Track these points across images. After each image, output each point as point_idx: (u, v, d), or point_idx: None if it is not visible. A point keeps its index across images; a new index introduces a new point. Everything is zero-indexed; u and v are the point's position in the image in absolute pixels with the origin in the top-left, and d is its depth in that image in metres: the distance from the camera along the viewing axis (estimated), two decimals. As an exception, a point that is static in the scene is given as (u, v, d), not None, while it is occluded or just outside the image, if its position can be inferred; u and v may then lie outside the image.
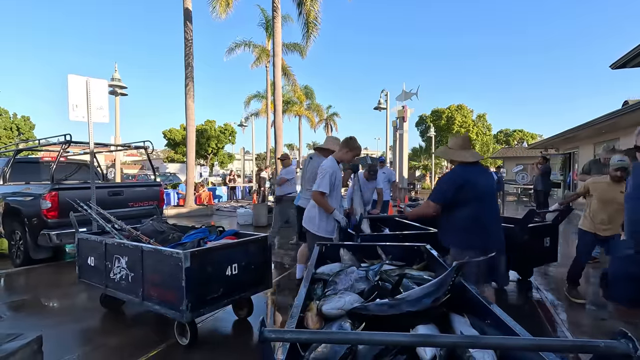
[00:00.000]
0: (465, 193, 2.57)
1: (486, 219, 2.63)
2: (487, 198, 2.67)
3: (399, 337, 1.06)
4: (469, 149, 2.74)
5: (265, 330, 0.85)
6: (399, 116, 13.17)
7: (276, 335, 0.86)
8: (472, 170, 2.65)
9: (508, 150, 30.21)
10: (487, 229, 2.62)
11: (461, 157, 2.69)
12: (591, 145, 10.92)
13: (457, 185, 2.58)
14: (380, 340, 0.97)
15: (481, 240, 2.58)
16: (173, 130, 33.39)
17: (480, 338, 1.30)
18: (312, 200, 3.31)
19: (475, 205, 2.60)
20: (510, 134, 47.63)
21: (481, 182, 2.63)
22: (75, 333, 3.09)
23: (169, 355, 2.65)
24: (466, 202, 2.59)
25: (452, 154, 2.75)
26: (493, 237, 2.63)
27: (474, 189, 2.59)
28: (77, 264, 3.53)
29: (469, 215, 2.60)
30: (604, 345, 0.82)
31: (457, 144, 2.77)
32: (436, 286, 1.78)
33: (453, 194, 2.59)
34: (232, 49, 18.25)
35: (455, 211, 2.63)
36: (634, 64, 5.91)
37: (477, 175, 2.64)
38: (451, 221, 2.69)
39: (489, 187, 2.70)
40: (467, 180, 2.59)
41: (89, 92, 4.73)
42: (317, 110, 29.67)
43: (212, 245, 2.84)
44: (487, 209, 2.65)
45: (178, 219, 10.15)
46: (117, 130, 12.04)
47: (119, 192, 5.75)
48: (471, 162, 2.67)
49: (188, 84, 11.95)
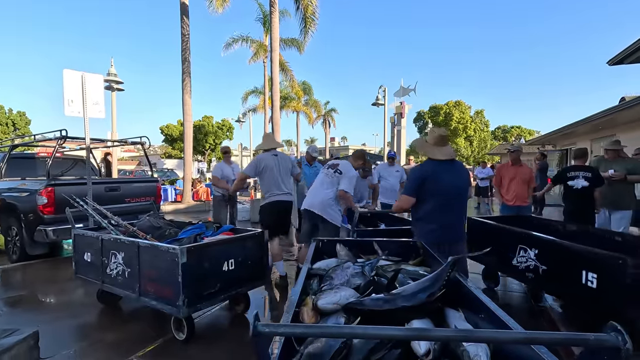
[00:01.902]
0: (427, 187, 2.71)
1: (443, 215, 2.72)
2: (450, 195, 2.74)
3: (394, 331, 1.07)
4: (444, 146, 2.83)
5: (259, 324, 0.86)
6: (397, 112, 13.16)
7: (270, 329, 0.87)
8: (439, 167, 2.75)
9: (505, 146, 30.29)
10: (443, 224, 2.72)
11: (431, 154, 2.80)
12: (588, 141, 10.96)
13: (421, 179, 2.73)
14: (374, 334, 0.98)
15: (438, 234, 2.69)
16: (170, 126, 33.30)
17: (473, 332, 1.32)
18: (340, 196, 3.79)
19: (435, 200, 2.72)
20: (508, 130, 47.75)
21: (446, 179, 2.72)
22: (72, 328, 3.09)
23: (166, 350, 2.66)
24: (427, 196, 2.73)
25: (427, 149, 2.85)
26: (451, 233, 2.76)
27: (435, 185, 2.70)
28: (73, 260, 3.53)
29: (427, 209, 2.74)
30: (594, 339, 0.83)
31: (433, 139, 2.86)
32: (431, 281, 1.79)
33: (417, 187, 2.74)
34: (229, 44, 18.17)
35: (418, 204, 2.79)
36: (631, 60, 5.92)
37: (444, 172, 2.73)
38: (415, 210, 2.85)
39: (453, 185, 2.76)
40: (430, 175, 2.72)
41: (85, 87, 4.70)
42: (315, 106, 29.63)
43: (209, 241, 2.84)
44: (446, 205, 2.73)
45: (175, 214, 10.14)
46: (114, 126, 11.98)
47: (115, 187, 5.73)
48: (443, 159, 2.75)
49: (185, 79, 11.89)
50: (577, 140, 11.96)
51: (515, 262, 3.43)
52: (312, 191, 3.91)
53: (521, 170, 4.89)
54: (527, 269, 3.29)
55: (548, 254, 3.12)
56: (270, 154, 4.11)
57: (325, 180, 3.84)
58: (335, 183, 3.77)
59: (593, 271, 2.66)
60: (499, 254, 3.63)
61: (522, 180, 4.80)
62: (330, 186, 3.77)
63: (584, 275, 2.72)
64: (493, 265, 3.95)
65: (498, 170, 5.19)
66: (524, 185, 4.84)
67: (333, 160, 4.05)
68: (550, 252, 3.10)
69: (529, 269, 3.26)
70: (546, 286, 3.24)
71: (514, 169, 4.89)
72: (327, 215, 3.73)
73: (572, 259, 2.88)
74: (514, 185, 4.84)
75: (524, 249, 3.34)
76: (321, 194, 3.77)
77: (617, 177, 4.51)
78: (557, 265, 3.02)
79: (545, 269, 3.11)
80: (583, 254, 2.79)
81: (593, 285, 2.66)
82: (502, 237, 3.67)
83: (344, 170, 3.78)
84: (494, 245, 3.56)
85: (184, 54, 11.93)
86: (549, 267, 3.08)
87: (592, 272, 2.67)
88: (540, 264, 3.16)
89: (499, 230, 3.78)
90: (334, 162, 3.99)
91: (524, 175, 4.84)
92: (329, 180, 3.80)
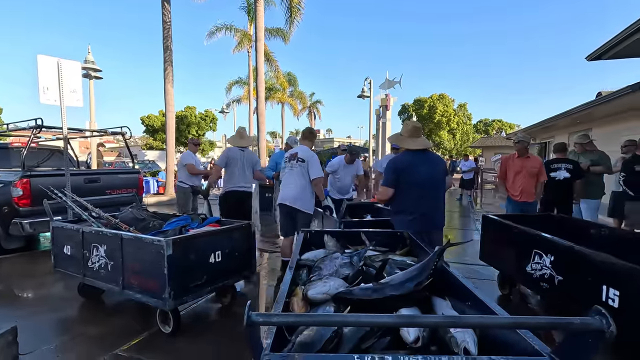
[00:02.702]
0: (403, 178, 2.80)
1: (422, 203, 2.82)
2: (425, 185, 2.83)
3: (384, 319, 1.08)
4: (418, 138, 2.91)
5: (253, 314, 0.85)
6: (382, 104, 13.20)
7: (263, 319, 0.86)
8: (414, 158, 2.84)
9: (487, 139, 30.94)
10: (421, 214, 2.81)
11: (406, 145, 2.89)
12: (566, 134, 11.30)
13: (397, 170, 2.81)
14: (365, 322, 0.99)
15: (414, 224, 2.76)
16: (151, 117, 32.38)
17: (460, 318, 1.34)
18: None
19: (412, 191, 2.81)
20: (490, 123, 48.75)
21: (421, 169, 2.82)
22: (52, 323, 3.01)
23: (152, 343, 2.62)
24: (404, 186, 2.82)
25: (401, 140, 2.94)
26: (428, 222, 2.84)
27: (411, 175, 2.80)
28: (52, 253, 3.41)
29: (405, 199, 2.83)
30: (580, 322, 0.86)
31: (407, 131, 2.95)
32: (419, 270, 1.82)
33: (394, 178, 2.82)
34: (212, 33, 17.75)
35: (397, 193, 2.86)
36: (609, 56, 6.10)
37: (419, 163, 2.83)
38: (393, 202, 2.92)
39: (429, 175, 2.85)
40: (406, 165, 2.81)
41: (61, 74, 4.50)
42: (300, 97, 29.41)
43: (195, 233, 2.80)
44: (423, 194, 2.82)
45: (158, 207, 9.93)
46: (92, 115, 11.57)
47: (95, 179, 5.56)
48: (417, 149, 2.85)
49: (167, 68, 11.56)
50: (556, 133, 12.32)
51: (529, 270, 2.99)
52: (285, 186, 3.96)
53: (528, 162, 4.45)
54: (541, 278, 2.86)
55: (563, 262, 2.66)
56: (238, 148, 4.53)
57: (293, 173, 3.88)
58: (303, 173, 3.81)
59: (615, 287, 2.18)
60: (512, 258, 3.24)
61: (529, 174, 4.40)
62: (300, 177, 3.81)
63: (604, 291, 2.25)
64: (507, 271, 3.48)
65: (503, 162, 4.78)
66: (532, 179, 4.41)
67: (290, 151, 4.06)
68: (565, 260, 2.64)
69: (544, 278, 2.82)
70: (562, 299, 2.71)
71: (520, 162, 4.48)
72: (301, 206, 3.81)
73: (588, 269, 2.40)
74: (521, 179, 4.45)
75: (539, 254, 2.90)
76: (293, 187, 3.84)
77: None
78: (572, 276, 2.57)
79: (561, 279, 2.66)
80: (599, 264, 2.31)
81: (614, 304, 2.17)
82: (516, 239, 3.24)
83: (306, 157, 3.80)
84: (508, 248, 3.36)
85: (165, 42, 11.57)
86: (565, 278, 2.64)
87: (613, 288, 2.19)
88: (556, 273, 2.71)
89: (511, 230, 3.32)
90: (290, 152, 4.00)
91: (531, 168, 4.41)
92: (296, 172, 3.84)
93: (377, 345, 1.40)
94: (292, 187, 3.82)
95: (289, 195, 3.83)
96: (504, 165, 4.67)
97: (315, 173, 3.76)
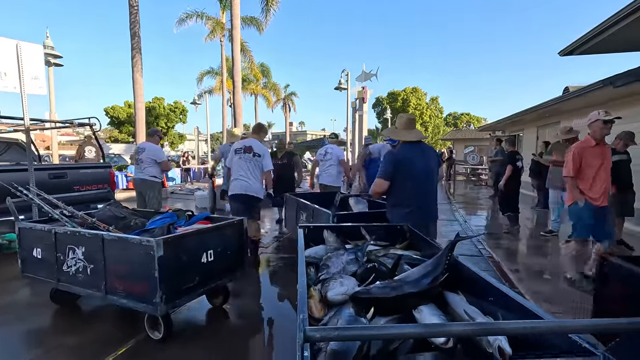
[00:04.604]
0: (401, 170, 2.80)
1: (419, 195, 2.84)
2: (422, 177, 2.85)
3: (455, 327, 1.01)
4: (413, 130, 2.94)
5: (308, 328, 0.73)
6: (359, 97, 13.18)
7: (321, 334, 0.74)
8: (411, 151, 2.86)
9: (457, 132, 31.89)
10: (418, 206, 2.82)
11: (402, 137, 2.89)
12: (534, 128, 11.80)
13: (396, 162, 2.81)
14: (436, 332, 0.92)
15: (413, 216, 2.78)
16: (116, 108, 30.64)
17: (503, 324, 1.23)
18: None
19: (408, 183, 2.82)
20: (458, 117, 50.29)
21: (418, 161, 2.84)
22: (23, 334, 2.72)
23: (141, 351, 2.42)
24: (401, 179, 2.82)
25: (397, 133, 2.96)
26: (426, 214, 2.86)
27: (409, 168, 2.81)
28: (19, 257, 3.08)
29: (402, 192, 2.84)
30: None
31: (402, 124, 2.97)
32: (433, 266, 1.78)
33: (392, 170, 2.81)
34: (182, 20, 16.92)
35: (393, 187, 2.85)
36: (581, 52, 6.36)
37: (416, 155, 2.85)
38: (389, 196, 2.93)
39: (425, 168, 2.87)
40: (405, 157, 2.82)
41: (21, 59, 4.06)
42: (274, 89, 28.90)
43: (186, 231, 2.60)
44: (419, 187, 2.85)
45: (130, 203, 9.40)
46: (52, 106, 10.73)
47: (61, 174, 5.12)
48: (413, 141, 2.88)
49: (135, 55, 10.90)
50: (525, 127, 12.83)
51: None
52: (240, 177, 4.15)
53: (608, 152, 3.41)
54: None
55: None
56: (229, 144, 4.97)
57: (249, 165, 4.13)
58: (258, 166, 4.14)
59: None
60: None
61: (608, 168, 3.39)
62: (255, 169, 4.13)
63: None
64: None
65: (577, 152, 3.38)
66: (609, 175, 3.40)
67: (242, 143, 4.27)
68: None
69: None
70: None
71: (600, 151, 3.35)
72: (260, 194, 4.21)
73: None
74: (602, 175, 3.34)
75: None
76: (253, 179, 4.13)
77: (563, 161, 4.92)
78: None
79: None
80: None
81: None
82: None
83: (261, 152, 4.16)
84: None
85: (133, 28, 10.89)
86: None
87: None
88: None
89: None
90: (244, 144, 4.21)
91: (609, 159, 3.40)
92: (253, 165, 4.13)
93: (402, 347, 1.33)
94: (251, 179, 4.10)
95: (245, 186, 4.10)
96: (579, 156, 3.36)
97: (268, 166, 4.18)
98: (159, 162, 5.15)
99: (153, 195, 5.21)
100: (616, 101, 6.82)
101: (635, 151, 5.00)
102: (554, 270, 4.08)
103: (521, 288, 3.52)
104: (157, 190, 5.32)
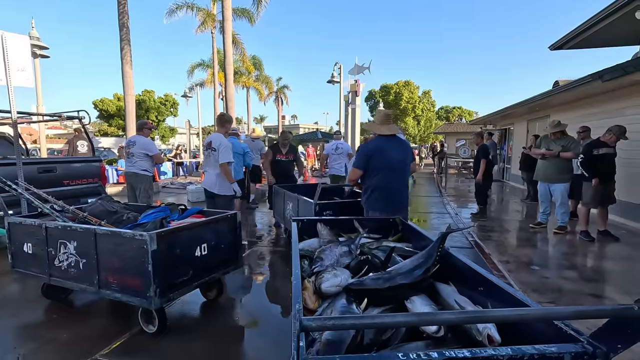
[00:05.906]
0: (374, 161, 3.00)
1: (391, 186, 3.02)
2: (394, 167, 3.04)
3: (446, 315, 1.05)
4: (388, 124, 3.14)
5: (304, 319, 0.75)
6: (352, 90, 13.13)
7: (317, 323, 0.76)
8: (385, 143, 3.04)
9: (449, 125, 32.06)
10: (390, 195, 3.02)
11: (378, 130, 3.10)
12: (525, 121, 11.92)
13: (369, 154, 3.01)
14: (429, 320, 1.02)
15: (383, 204, 3.00)
16: (105, 101, 30.08)
17: (490, 312, 1.28)
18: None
19: (382, 173, 3.01)
20: (450, 110, 50.51)
21: (392, 153, 3.02)
22: (15, 329, 2.71)
23: (136, 345, 2.42)
24: (375, 169, 3.01)
25: (374, 127, 3.19)
26: (395, 202, 3.03)
27: (382, 159, 2.99)
28: (9, 252, 3.04)
29: (375, 181, 3.02)
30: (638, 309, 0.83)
31: (378, 118, 3.19)
32: (425, 257, 1.81)
33: (366, 161, 3.02)
34: (172, 11, 16.64)
35: (367, 177, 3.07)
36: (570, 46, 6.45)
37: (389, 148, 3.03)
38: (363, 185, 3.15)
39: (398, 159, 3.06)
40: (378, 150, 3.00)
41: (6, 50, 3.96)
42: (267, 82, 28.67)
43: (180, 225, 2.60)
44: (392, 177, 3.04)
45: (121, 197, 9.31)
46: (39, 99, 10.49)
47: (51, 168, 5.04)
48: (387, 135, 3.05)
49: (124, 47, 10.69)
50: (515, 121, 12.96)
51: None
52: (206, 173, 4.33)
53: None
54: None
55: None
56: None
57: (210, 161, 4.22)
58: (217, 160, 4.12)
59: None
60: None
61: None
62: (215, 164, 4.16)
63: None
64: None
65: None
66: None
67: (205, 139, 4.42)
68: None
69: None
70: None
71: None
72: (219, 190, 4.19)
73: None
74: None
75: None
76: (212, 174, 4.20)
77: (549, 154, 5.02)
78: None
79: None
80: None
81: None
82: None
83: (217, 145, 4.14)
84: None
85: (121, 19, 10.66)
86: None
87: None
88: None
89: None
90: (206, 140, 4.31)
91: None
92: (213, 160, 4.18)
93: (394, 336, 1.36)
94: (212, 174, 4.20)
95: (208, 182, 4.24)
96: None
97: (222, 158, 4.06)
98: (150, 155, 5.10)
99: (144, 189, 5.16)
100: (605, 95, 6.93)
101: (624, 145, 5.11)
102: (542, 261, 4.18)
103: (510, 279, 3.60)
104: (148, 184, 5.27)
